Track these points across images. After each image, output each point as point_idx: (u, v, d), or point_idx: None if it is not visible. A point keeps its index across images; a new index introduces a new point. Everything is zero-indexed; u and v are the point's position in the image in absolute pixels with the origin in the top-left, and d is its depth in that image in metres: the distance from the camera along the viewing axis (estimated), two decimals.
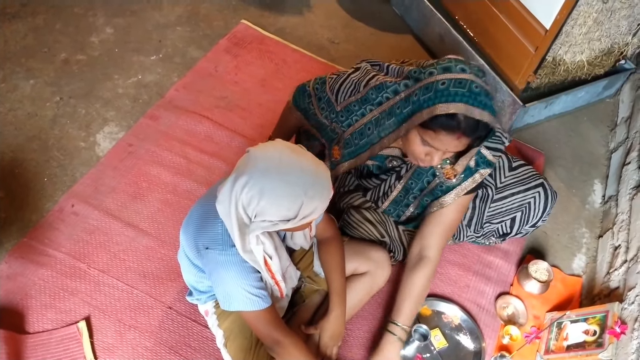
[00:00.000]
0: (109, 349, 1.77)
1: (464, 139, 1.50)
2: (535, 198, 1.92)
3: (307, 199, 1.29)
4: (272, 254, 1.46)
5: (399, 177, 1.82)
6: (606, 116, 2.80)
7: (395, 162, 1.81)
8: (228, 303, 1.45)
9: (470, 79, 1.45)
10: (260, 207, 1.29)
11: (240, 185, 1.29)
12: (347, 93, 1.71)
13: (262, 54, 2.75)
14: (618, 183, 2.40)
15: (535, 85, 2.48)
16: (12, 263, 1.90)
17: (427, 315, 1.99)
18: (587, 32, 2.29)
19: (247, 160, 1.33)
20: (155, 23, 2.81)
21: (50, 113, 2.36)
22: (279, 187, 1.28)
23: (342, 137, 1.75)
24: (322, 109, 1.78)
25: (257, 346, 1.61)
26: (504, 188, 1.95)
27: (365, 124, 1.69)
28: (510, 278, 2.13)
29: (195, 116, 2.42)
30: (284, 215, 1.30)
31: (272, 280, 1.51)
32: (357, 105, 1.69)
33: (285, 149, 1.34)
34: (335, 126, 1.76)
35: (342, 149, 1.77)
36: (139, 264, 1.96)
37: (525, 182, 1.94)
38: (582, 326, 1.84)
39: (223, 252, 1.40)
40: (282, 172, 1.29)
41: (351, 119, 1.71)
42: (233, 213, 1.33)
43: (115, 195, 2.12)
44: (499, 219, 1.99)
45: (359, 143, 1.72)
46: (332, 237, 1.72)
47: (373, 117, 1.66)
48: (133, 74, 2.57)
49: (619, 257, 2.07)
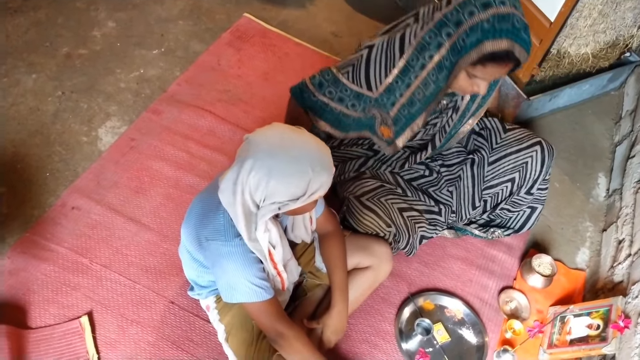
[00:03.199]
0: (111, 344, 1.77)
1: (509, 66, 1.56)
2: (533, 156, 1.90)
3: (314, 175, 1.29)
4: (277, 242, 1.46)
5: (455, 109, 1.83)
6: (611, 109, 2.78)
7: (444, 101, 1.82)
8: (231, 295, 1.44)
9: (511, 12, 1.47)
10: (269, 188, 1.29)
11: (247, 170, 1.29)
12: (380, 73, 1.69)
13: (265, 47, 2.74)
14: (622, 176, 2.38)
15: (540, 78, 2.46)
16: (14, 258, 1.90)
17: (430, 309, 1.99)
18: (592, 25, 2.27)
19: (248, 146, 1.32)
20: (157, 17, 2.80)
21: (52, 108, 2.36)
22: (286, 166, 1.28)
23: (387, 116, 1.75)
24: (353, 105, 1.77)
25: (258, 340, 1.60)
26: (499, 149, 1.96)
27: (414, 92, 1.68)
28: (514, 272, 2.12)
29: (197, 110, 2.41)
30: (293, 194, 1.30)
31: (274, 271, 1.51)
32: (399, 81, 1.67)
33: (284, 130, 1.35)
34: (376, 111, 1.75)
35: (393, 127, 1.77)
36: (141, 259, 1.96)
37: (521, 142, 1.94)
38: (585, 320, 1.83)
39: (226, 242, 1.40)
40: (287, 151, 1.29)
41: (395, 96, 1.70)
42: (239, 201, 1.32)
43: (117, 190, 2.12)
44: (497, 181, 1.96)
45: (410, 112, 1.73)
46: (333, 231, 1.71)
47: (420, 82, 1.66)
48: (135, 68, 2.56)
49: (622, 250, 2.06)
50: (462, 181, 2.01)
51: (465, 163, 2.01)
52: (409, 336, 1.91)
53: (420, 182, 2.05)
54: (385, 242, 1.81)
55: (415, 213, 1.95)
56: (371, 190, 1.90)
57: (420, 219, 1.95)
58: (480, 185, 1.98)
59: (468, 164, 2.00)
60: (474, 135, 2.04)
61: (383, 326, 1.93)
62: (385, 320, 1.94)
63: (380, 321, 1.94)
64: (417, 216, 1.95)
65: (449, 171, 2.05)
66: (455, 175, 2.03)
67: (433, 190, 2.04)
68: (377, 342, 1.89)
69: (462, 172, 2.01)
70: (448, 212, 2.02)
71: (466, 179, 2.00)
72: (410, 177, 2.04)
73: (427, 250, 2.13)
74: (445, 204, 2.02)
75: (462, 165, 2.02)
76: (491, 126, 2.01)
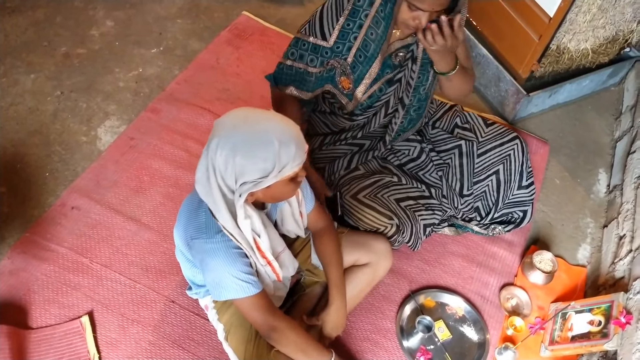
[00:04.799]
0: (112, 344, 1.77)
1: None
2: (514, 150, 1.98)
3: (280, 146, 1.27)
4: (261, 230, 1.44)
5: (414, 60, 1.83)
6: (611, 105, 2.77)
7: (401, 53, 1.83)
8: (218, 292, 1.44)
9: None
10: (237, 165, 1.27)
11: (213, 149, 1.28)
12: (332, 20, 1.73)
13: (264, 45, 2.73)
14: (623, 172, 2.38)
15: (539, 74, 2.45)
16: (14, 258, 1.90)
17: (431, 306, 1.98)
18: (591, 20, 2.26)
19: (214, 129, 1.32)
20: (156, 15, 2.79)
21: (51, 107, 2.35)
22: (248, 138, 1.27)
23: (345, 64, 1.77)
24: (312, 60, 1.79)
25: (257, 337, 1.60)
26: (485, 142, 2.01)
27: (366, 33, 1.72)
28: (514, 269, 2.12)
29: (196, 109, 2.41)
30: (262, 169, 1.28)
31: (263, 260, 1.48)
32: (350, 23, 1.72)
33: (249, 109, 1.36)
34: (334, 62, 1.78)
35: (351, 75, 1.79)
36: (141, 258, 1.96)
37: (500, 137, 2.01)
38: (586, 317, 1.83)
39: (208, 239, 1.39)
40: (251, 125, 1.29)
41: (349, 41, 1.74)
42: (214, 186, 1.32)
43: (117, 189, 2.12)
44: (485, 174, 2.00)
45: (365, 56, 1.75)
46: (325, 228, 1.70)
47: (371, 21, 1.70)
48: (134, 67, 2.56)
49: (624, 246, 2.06)
50: (451, 169, 2.04)
51: (454, 152, 2.04)
52: (410, 334, 1.90)
53: (410, 166, 2.07)
54: (383, 239, 1.81)
55: (411, 202, 1.96)
56: (366, 187, 1.90)
57: (418, 207, 1.96)
58: (470, 174, 2.01)
59: (457, 153, 2.04)
60: (458, 129, 2.07)
61: (384, 324, 1.93)
62: (386, 318, 1.94)
63: (381, 319, 1.94)
64: (413, 204, 1.96)
65: (439, 157, 2.07)
66: (444, 162, 2.06)
67: (422, 173, 2.06)
68: (378, 340, 1.89)
69: (450, 160, 2.04)
70: (439, 195, 2.04)
71: (454, 168, 2.03)
72: (399, 163, 2.07)
73: (427, 247, 2.12)
74: (435, 187, 2.04)
75: (452, 152, 2.05)
76: (473, 122, 2.06)
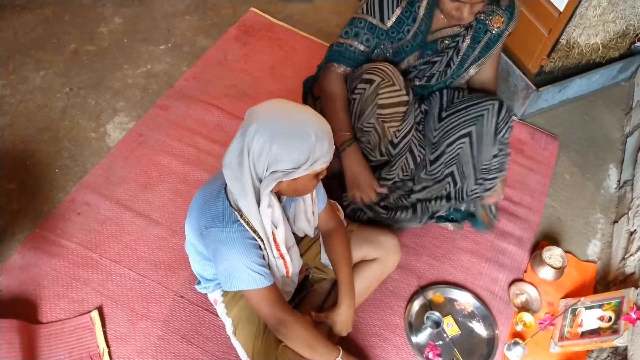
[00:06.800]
0: (121, 338, 1.78)
1: None
2: (489, 109, 1.84)
3: (316, 140, 1.30)
4: (279, 222, 1.45)
5: (457, 50, 1.88)
6: (621, 100, 2.75)
7: (446, 41, 1.88)
8: (230, 282, 1.44)
9: None
10: (272, 153, 1.29)
11: (251, 134, 1.30)
12: (392, 4, 1.77)
13: (272, 41, 2.73)
14: (634, 167, 2.36)
15: (549, 69, 2.44)
16: (25, 254, 1.91)
17: (440, 302, 1.98)
18: (601, 14, 2.25)
19: (251, 116, 1.34)
20: (164, 12, 2.80)
21: (60, 104, 2.36)
22: (287, 128, 1.29)
23: (390, 48, 1.84)
24: (367, 40, 1.81)
25: (265, 332, 1.60)
26: (461, 102, 1.93)
27: (418, 27, 1.80)
28: (524, 265, 2.11)
29: (205, 105, 2.41)
30: (296, 160, 1.30)
31: (277, 253, 1.49)
32: (407, 12, 1.78)
33: (284, 100, 1.38)
34: (387, 44, 1.82)
35: (393, 58, 1.87)
36: (150, 254, 1.97)
37: (481, 97, 1.90)
38: (596, 312, 1.82)
39: (224, 229, 1.40)
40: (289, 116, 1.32)
41: (404, 32, 1.81)
42: (246, 171, 1.33)
43: (126, 185, 2.13)
44: (455, 136, 1.88)
45: (413, 45, 1.84)
46: (336, 227, 1.70)
47: (423, 14, 1.78)
48: (142, 63, 2.56)
49: (634, 242, 2.04)
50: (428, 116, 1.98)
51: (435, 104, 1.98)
52: (418, 329, 1.90)
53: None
54: (393, 234, 1.81)
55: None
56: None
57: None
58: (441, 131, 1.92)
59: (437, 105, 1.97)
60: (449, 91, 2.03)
61: (393, 319, 1.92)
62: (394, 313, 1.94)
63: (389, 314, 1.93)
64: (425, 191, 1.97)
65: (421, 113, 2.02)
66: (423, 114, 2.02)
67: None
68: (387, 336, 1.89)
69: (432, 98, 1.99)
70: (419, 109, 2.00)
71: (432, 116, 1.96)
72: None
73: (436, 243, 2.12)
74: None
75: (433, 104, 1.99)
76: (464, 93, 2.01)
